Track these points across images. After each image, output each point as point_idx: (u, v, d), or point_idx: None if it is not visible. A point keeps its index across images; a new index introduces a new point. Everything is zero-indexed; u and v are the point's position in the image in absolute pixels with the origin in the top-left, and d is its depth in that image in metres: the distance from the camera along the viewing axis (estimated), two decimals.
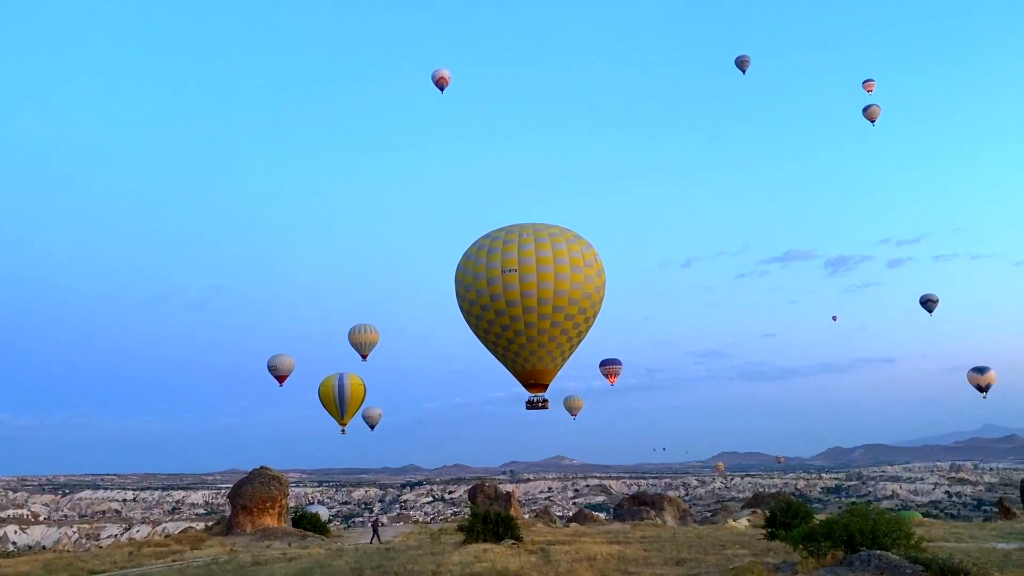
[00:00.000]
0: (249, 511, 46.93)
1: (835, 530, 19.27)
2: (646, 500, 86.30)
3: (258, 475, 48.87)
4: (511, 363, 47.71)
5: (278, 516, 47.94)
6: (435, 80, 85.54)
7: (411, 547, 32.73)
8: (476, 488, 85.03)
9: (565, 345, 47.03)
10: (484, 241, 46.63)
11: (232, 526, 47.05)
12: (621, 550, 27.02)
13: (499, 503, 78.19)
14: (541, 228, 46.31)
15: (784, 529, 26.94)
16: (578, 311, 45.39)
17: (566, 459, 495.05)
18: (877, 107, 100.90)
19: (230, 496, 49.98)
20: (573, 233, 47.40)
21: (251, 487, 47.58)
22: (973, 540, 33.94)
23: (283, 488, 48.83)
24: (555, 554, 25.96)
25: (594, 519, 77.86)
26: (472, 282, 45.56)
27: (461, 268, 47.29)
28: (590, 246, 47.61)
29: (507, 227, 46.91)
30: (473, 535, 30.24)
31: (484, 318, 45.73)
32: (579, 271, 44.89)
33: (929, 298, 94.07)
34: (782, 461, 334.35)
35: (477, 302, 45.50)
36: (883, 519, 19.32)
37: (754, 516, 75.88)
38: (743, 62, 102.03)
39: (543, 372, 47.94)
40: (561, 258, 44.47)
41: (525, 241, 44.78)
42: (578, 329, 46.65)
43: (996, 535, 36.46)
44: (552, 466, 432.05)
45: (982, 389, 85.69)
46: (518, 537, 30.93)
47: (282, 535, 44.44)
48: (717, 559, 24.80)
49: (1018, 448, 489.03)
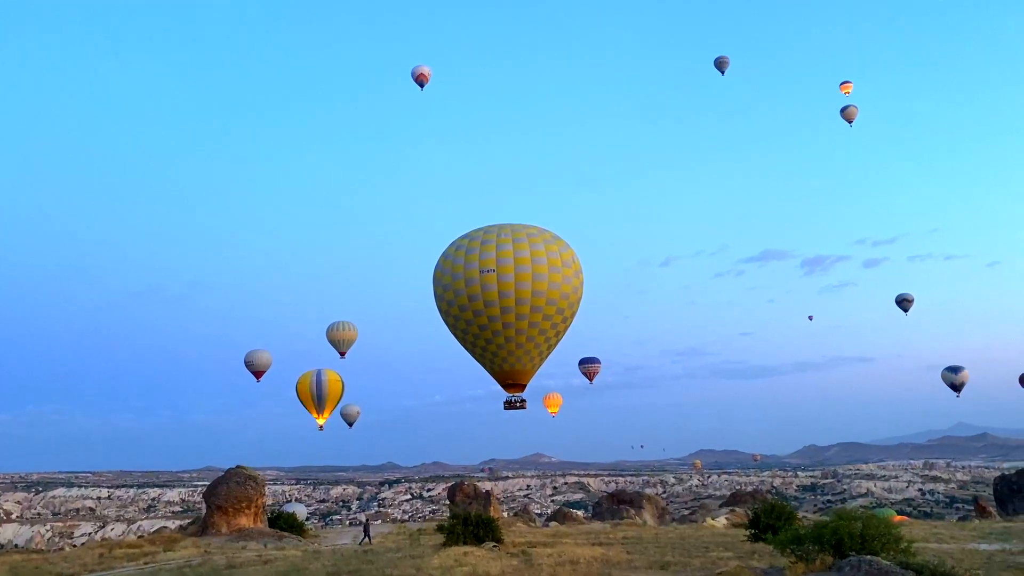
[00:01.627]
0: (224, 511, 46.05)
1: (823, 534, 18.95)
2: (625, 499, 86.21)
3: (234, 474, 47.97)
4: (489, 363, 47.63)
5: (254, 516, 47.08)
6: (415, 76, 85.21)
7: (390, 549, 32.16)
8: (455, 487, 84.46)
9: (543, 345, 46.99)
10: (462, 241, 46.48)
11: (207, 526, 46.15)
12: (604, 553, 26.60)
13: (478, 502, 77.72)
14: (519, 228, 46.26)
15: (770, 531, 26.66)
16: (556, 311, 45.36)
17: (544, 457, 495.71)
18: (855, 108, 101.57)
19: (205, 496, 49.09)
20: (551, 233, 47.39)
21: (227, 487, 46.68)
22: (954, 541, 33.87)
23: (259, 488, 47.97)
24: (537, 557, 25.53)
25: (574, 518, 77.59)
26: (450, 282, 45.38)
27: (439, 268, 47.11)
28: (568, 246, 47.63)
29: (485, 227, 46.78)
30: (453, 537, 29.72)
31: (462, 318, 45.57)
32: (557, 271, 44.90)
33: (905, 297, 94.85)
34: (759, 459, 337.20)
35: (455, 302, 45.33)
36: (872, 523, 19.02)
37: (732, 515, 75.95)
38: (722, 63, 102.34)
39: (521, 372, 47.90)
40: (539, 258, 44.42)
41: (503, 241, 44.71)
42: (556, 329, 46.64)
43: (976, 535, 36.44)
44: (531, 464, 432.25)
45: (956, 388, 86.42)
46: (499, 539, 30.44)
47: (258, 536, 43.64)
48: (702, 562, 24.45)
49: (990, 446, 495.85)
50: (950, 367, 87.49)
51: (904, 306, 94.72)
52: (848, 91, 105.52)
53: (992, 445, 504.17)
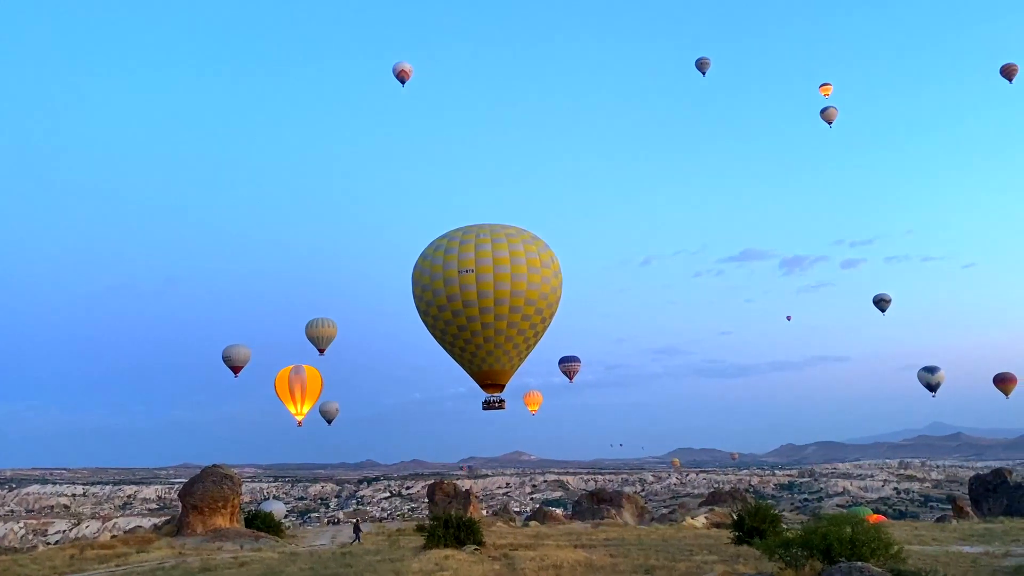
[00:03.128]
0: (200, 511, 45.20)
1: (812, 540, 18.61)
2: (605, 498, 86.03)
3: (210, 473, 47.14)
4: (468, 363, 47.61)
5: (231, 516, 46.28)
6: (396, 73, 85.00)
7: (369, 551, 31.55)
8: (435, 486, 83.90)
9: (522, 346, 47.05)
10: (441, 241, 46.45)
11: (182, 526, 45.30)
12: (588, 557, 26.18)
13: (458, 501, 77.18)
14: (498, 229, 46.26)
15: (755, 534, 26.35)
16: (535, 312, 45.42)
17: (524, 455, 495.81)
18: (834, 109, 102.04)
19: (180, 495, 48.20)
20: (530, 234, 47.40)
21: (203, 486, 45.82)
22: (936, 543, 33.80)
23: (236, 487, 47.17)
24: (519, 561, 25.09)
25: (554, 517, 77.14)
26: (429, 282, 45.34)
27: (418, 268, 47.01)
28: (546, 247, 47.63)
29: (464, 227, 46.79)
30: (434, 540, 29.15)
31: (441, 318, 45.53)
32: (536, 272, 44.96)
33: (882, 297, 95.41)
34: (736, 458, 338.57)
35: (434, 302, 45.29)
36: (862, 528, 18.70)
37: (712, 514, 76.02)
38: (703, 64, 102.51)
39: (500, 372, 47.90)
40: (518, 259, 44.44)
41: (482, 242, 44.68)
42: (535, 330, 46.69)
43: (958, 537, 36.42)
44: (510, 462, 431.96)
45: (932, 388, 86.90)
46: (480, 542, 29.90)
47: (234, 536, 42.90)
48: (687, 566, 24.11)
49: (964, 446, 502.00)
50: (927, 367, 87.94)
51: (881, 306, 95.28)
52: (827, 93, 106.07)
53: (966, 445, 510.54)
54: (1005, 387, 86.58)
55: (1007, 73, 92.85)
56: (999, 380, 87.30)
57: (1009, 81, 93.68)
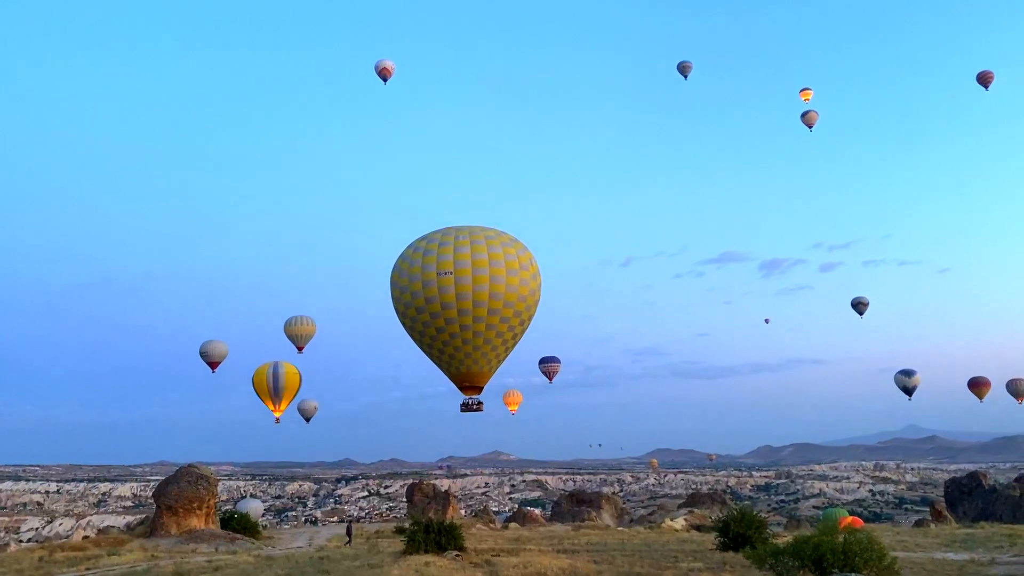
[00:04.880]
0: (175, 512, 44.30)
1: (804, 550, 18.20)
2: (584, 499, 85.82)
3: (185, 473, 46.23)
4: (446, 366, 47.59)
5: (206, 517, 45.41)
6: (378, 71, 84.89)
7: (347, 556, 30.82)
8: (414, 486, 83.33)
9: (500, 348, 47.07)
10: (420, 243, 46.34)
11: (156, 527, 44.35)
12: (572, 564, 25.61)
13: (437, 502, 76.66)
14: (477, 231, 46.25)
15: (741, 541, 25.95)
16: (513, 314, 45.46)
17: (503, 454, 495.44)
18: (815, 113, 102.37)
19: (155, 495, 47.25)
20: (509, 236, 47.40)
21: (177, 486, 44.91)
22: (920, 549, 33.70)
23: (211, 488, 46.30)
24: (502, 568, 24.53)
25: (534, 519, 76.81)
26: (407, 284, 45.20)
27: (397, 270, 46.96)
28: (526, 249, 47.66)
29: (443, 229, 46.75)
30: (414, 545, 28.48)
31: (419, 320, 45.43)
32: (515, 274, 44.96)
33: (860, 301, 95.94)
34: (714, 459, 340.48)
35: (412, 304, 45.16)
36: (854, 539, 18.31)
37: (691, 516, 76.13)
38: (685, 68, 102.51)
39: (478, 375, 47.91)
40: (497, 261, 44.40)
41: (461, 244, 44.63)
42: (513, 332, 46.76)
43: (941, 543, 36.36)
44: (489, 461, 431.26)
45: (908, 392, 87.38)
46: (461, 547, 29.29)
47: (209, 538, 42.06)
48: (674, 574, 23.65)
49: (938, 448, 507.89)
50: (903, 370, 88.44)
51: (859, 309, 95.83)
52: (808, 98, 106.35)
53: (940, 447, 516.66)
54: (979, 391, 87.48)
55: (983, 80, 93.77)
56: (973, 384, 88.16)
57: (985, 88, 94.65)
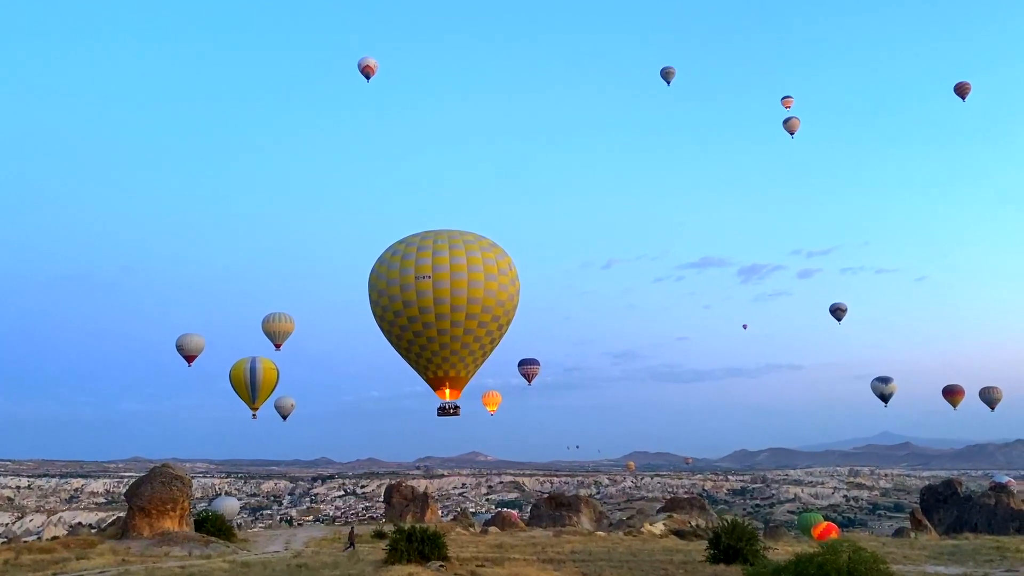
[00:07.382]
0: (147, 513, 43.08)
1: (807, 568, 17.59)
2: (563, 502, 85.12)
3: (159, 474, 45.02)
4: (423, 370, 47.49)
5: (179, 519, 44.21)
6: (361, 69, 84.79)
7: (325, 564, 29.87)
8: (392, 488, 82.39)
9: (478, 352, 47.08)
10: (398, 247, 46.11)
11: (128, 529, 43.11)
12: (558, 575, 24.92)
13: (415, 504, 75.76)
14: (455, 235, 46.19)
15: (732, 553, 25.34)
16: (491, 319, 45.45)
17: (480, 455, 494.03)
18: (796, 120, 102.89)
19: (127, 495, 46.02)
20: (488, 240, 47.32)
21: (150, 487, 43.69)
22: (908, 561, 33.24)
23: (185, 489, 45.12)
24: None
25: (513, 522, 76.08)
26: (385, 288, 44.98)
27: (374, 274, 46.70)
28: (504, 254, 47.64)
29: (422, 233, 46.58)
30: (396, 554, 27.59)
31: (397, 324, 45.25)
32: (493, 279, 44.90)
33: (839, 307, 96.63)
34: (690, 462, 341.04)
35: (390, 308, 44.96)
36: (859, 558, 17.71)
37: (671, 520, 75.84)
38: (668, 74, 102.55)
39: (455, 379, 47.88)
40: (475, 266, 44.34)
41: (439, 248, 44.52)
42: (491, 337, 46.81)
43: (928, 555, 35.93)
44: (466, 462, 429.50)
45: (884, 398, 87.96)
46: (445, 557, 28.42)
47: (183, 540, 40.92)
48: None
49: (912, 455, 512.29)
50: (880, 377, 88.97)
51: (838, 315, 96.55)
52: (789, 106, 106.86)
53: (914, 454, 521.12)
54: (953, 399, 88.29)
55: (960, 91, 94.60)
56: (948, 392, 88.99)
57: (962, 99, 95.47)
